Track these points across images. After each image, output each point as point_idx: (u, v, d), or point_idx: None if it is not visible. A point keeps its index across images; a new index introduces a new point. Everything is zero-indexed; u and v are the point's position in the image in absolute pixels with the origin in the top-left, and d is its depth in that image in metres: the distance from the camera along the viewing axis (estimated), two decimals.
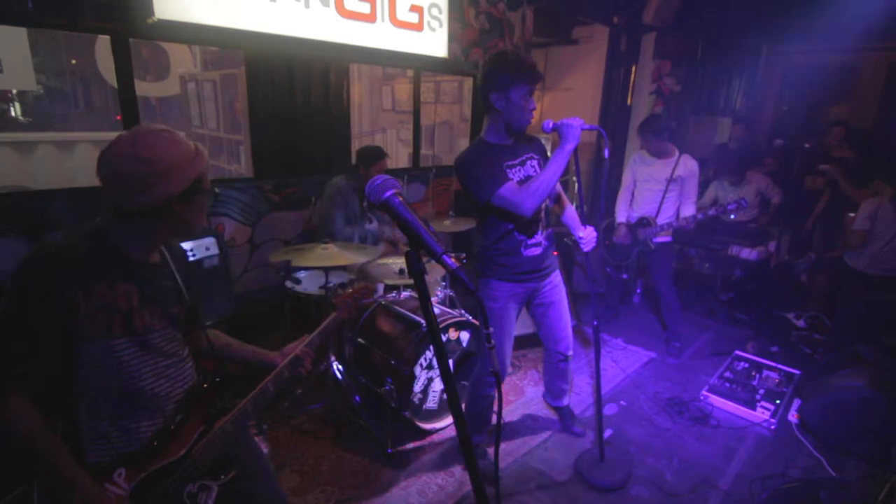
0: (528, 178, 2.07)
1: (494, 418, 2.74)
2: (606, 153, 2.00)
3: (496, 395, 2.32)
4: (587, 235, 2.17)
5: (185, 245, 2.64)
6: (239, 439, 1.36)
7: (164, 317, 1.22)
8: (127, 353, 1.14)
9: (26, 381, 1.05)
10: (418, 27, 3.70)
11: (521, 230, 2.12)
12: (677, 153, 3.43)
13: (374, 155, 3.15)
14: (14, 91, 4.77)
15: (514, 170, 2.07)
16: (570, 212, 2.33)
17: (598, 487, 2.32)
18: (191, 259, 2.64)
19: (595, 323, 2.27)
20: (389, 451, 2.45)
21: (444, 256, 0.77)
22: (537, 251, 2.17)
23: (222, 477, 1.29)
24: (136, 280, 1.16)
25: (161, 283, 1.24)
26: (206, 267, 2.72)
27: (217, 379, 1.31)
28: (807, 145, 3.97)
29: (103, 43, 3.68)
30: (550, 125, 1.97)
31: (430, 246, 0.78)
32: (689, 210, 3.41)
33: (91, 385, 1.12)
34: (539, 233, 2.17)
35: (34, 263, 1.05)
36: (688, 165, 3.39)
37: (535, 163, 2.13)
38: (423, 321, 2.51)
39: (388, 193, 0.82)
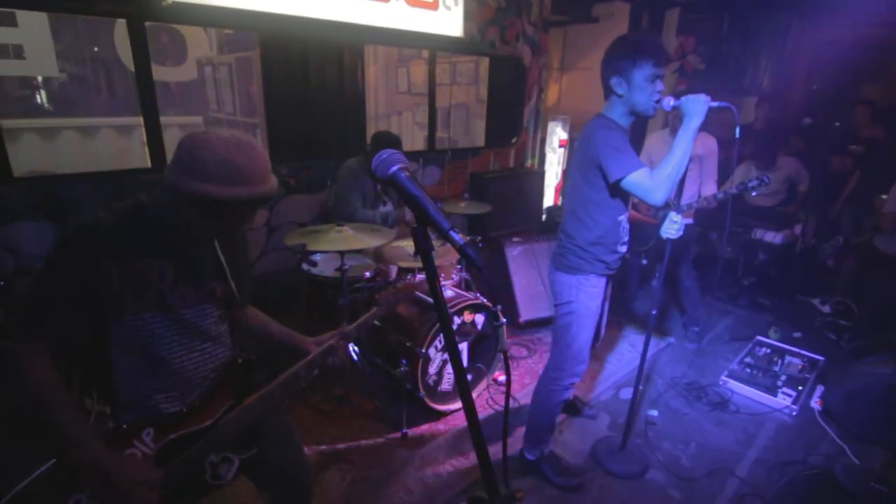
0: None
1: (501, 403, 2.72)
2: (738, 132, 1.84)
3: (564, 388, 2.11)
4: (675, 220, 2.02)
5: None
6: (266, 417, 1.38)
7: (200, 293, 1.25)
8: (159, 327, 1.18)
9: (44, 337, 1.10)
10: (433, 6, 3.63)
11: (623, 225, 1.98)
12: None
13: (387, 142, 3.10)
14: (39, 78, 4.86)
15: None
16: None
17: (616, 476, 2.30)
18: None
19: (654, 312, 2.17)
20: (405, 431, 2.48)
21: (452, 232, 0.76)
22: (626, 249, 2.05)
23: (245, 452, 1.32)
24: (171, 255, 1.19)
25: (199, 258, 1.26)
26: None
27: (252, 357, 1.35)
28: (836, 124, 3.81)
29: (122, 28, 3.73)
30: (670, 104, 1.81)
31: (437, 222, 0.77)
32: (710, 189, 3.32)
33: (124, 355, 1.17)
34: (629, 229, 2.04)
35: (71, 234, 1.11)
36: (706, 144, 3.30)
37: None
38: None
39: (395, 168, 0.80)
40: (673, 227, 2.03)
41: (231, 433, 1.26)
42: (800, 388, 2.91)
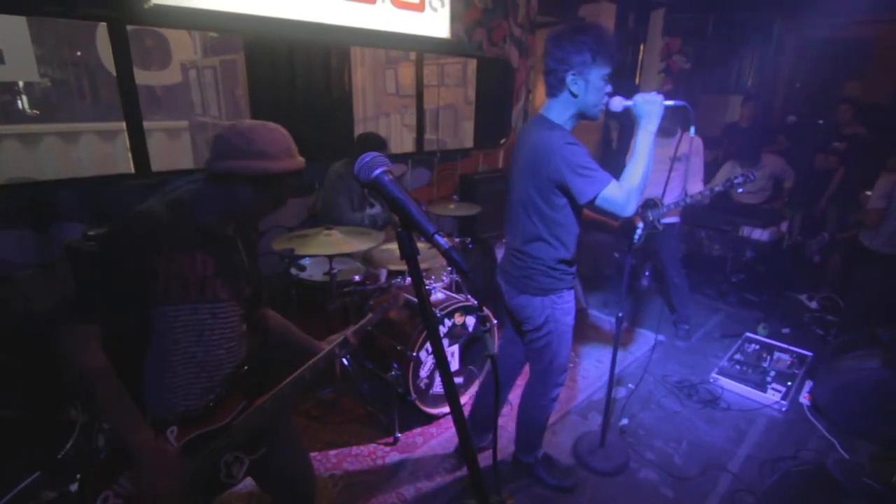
0: None
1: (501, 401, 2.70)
2: (692, 131, 1.76)
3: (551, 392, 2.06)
4: (641, 226, 2.05)
5: None
6: (276, 417, 1.42)
7: (232, 289, 1.30)
8: (196, 319, 1.23)
9: (96, 330, 1.13)
10: (419, 7, 3.62)
11: (578, 235, 1.90)
12: (680, 131, 3.36)
13: (371, 143, 3.08)
14: (21, 83, 4.77)
15: None
16: None
17: (597, 472, 2.31)
18: None
19: (620, 315, 2.20)
20: (397, 435, 2.46)
21: (437, 236, 0.75)
22: None
23: (255, 453, 1.36)
24: (211, 250, 1.25)
25: (232, 256, 1.31)
26: None
27: (263, 358, 1.40)
28: (821, 121, 3.86)
29: (104, 32, 3.68)
30: (621, 104, 1.69)
31: (421, 225, 0.75)
32: (696, 187, 3.35)
33: (159, 346, 1.21)
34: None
35: (121, 229, 1.16)
36: (693, 143, 3.32)
37: None
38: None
39: (378, 171, 0.79)
40: (638, 233, 2.05)
41: (245, 433, 1.30)
42: (789, 383, 2.93)
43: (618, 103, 1.70)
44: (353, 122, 3.96)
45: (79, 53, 4.94)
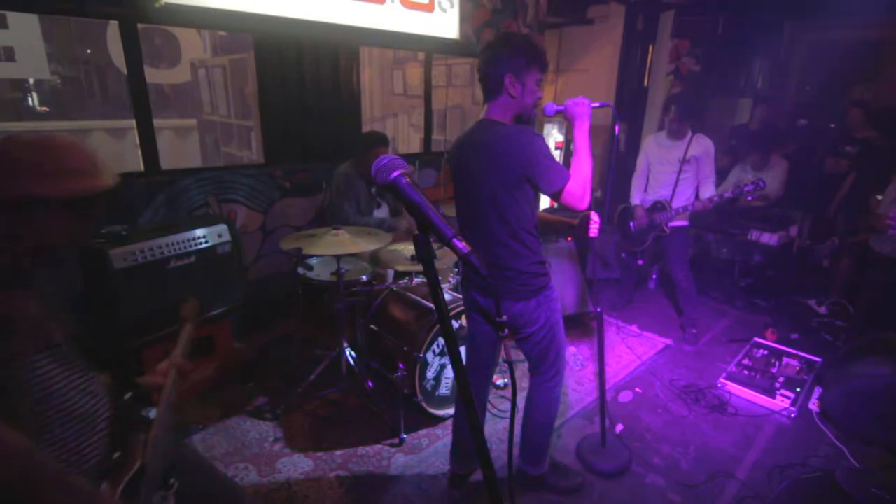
0: None
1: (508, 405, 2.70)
2: (617, 129, 1.89)
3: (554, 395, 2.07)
4: (596, 219, 2.08)
5: (199, 232, 2.64)
6: (173, 447, 1.29)
7: (65, 327, 1.12)
8: (46, 371, 1.02)
9: None
10: (429, 8, 3.62)
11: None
12: (690, 133, 3.34)
13: (372, 140, 3.07)
14: (31, 81, 4.81)
15: None
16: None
17: (600, 473, 2.30)
18: (203, 246, 2.64)
19: (598, 309, 2.22)
20: (403, 436, 2.46)
21: (455, 240, 0.74)
22: None
23: (171, 488, 1.21)
24: (27, 285, 1.03)
25: (47, 286, 1.11)
26: (218, 254, 2.72)
27: (133, 392, 1.25)
28: (832, 125, 3.82)
29: (114, 30, 3.71)
30: (554, 108, 1.84)
31: (439, 229, 0.75)
32: (708, 191, 3.33)
33: (28, 413, 0.99)
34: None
35: None
36: (702, 144, 3.30)
37: None
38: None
39: (396, 174, 0.78)
40: (594, 226, 2.04)
41: (156, 467, 1.16)
42: (798, 389, 2.90)
43: (551, 108, 1.85)
44: (361, 121, 3.97)
45: (89, 51, 4.97)
